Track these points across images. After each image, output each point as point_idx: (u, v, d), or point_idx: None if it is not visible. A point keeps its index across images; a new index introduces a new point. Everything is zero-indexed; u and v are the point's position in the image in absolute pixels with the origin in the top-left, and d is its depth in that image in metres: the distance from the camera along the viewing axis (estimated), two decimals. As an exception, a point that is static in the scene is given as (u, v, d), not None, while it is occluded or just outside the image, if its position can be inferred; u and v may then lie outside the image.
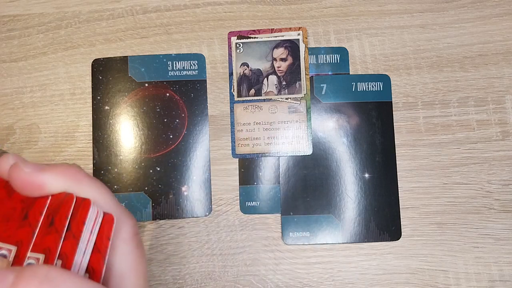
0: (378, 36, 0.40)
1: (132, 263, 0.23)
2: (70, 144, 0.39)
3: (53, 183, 0.22)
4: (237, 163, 0.39)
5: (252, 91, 0.40)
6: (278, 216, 0.39)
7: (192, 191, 0.39)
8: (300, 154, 0.39)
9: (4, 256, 0.20)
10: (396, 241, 0.38)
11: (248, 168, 0.39)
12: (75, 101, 0.40)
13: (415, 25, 0.40)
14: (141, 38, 0.41)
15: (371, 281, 0.38)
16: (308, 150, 0.39)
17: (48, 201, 0.21)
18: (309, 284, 0.38)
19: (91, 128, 0.39)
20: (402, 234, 0.38)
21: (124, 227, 0.23)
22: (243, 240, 0.38)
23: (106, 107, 0.40)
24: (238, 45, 0.40)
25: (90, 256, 0.21)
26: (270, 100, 0.40)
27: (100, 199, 0.22)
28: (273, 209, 0.39)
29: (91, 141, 0.39)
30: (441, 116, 0.39)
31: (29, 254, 0.20)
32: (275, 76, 0.40)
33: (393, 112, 0.39)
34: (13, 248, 0.20)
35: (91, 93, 0.40)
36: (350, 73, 0.40)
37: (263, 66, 0.40)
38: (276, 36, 0.40)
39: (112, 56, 0.40)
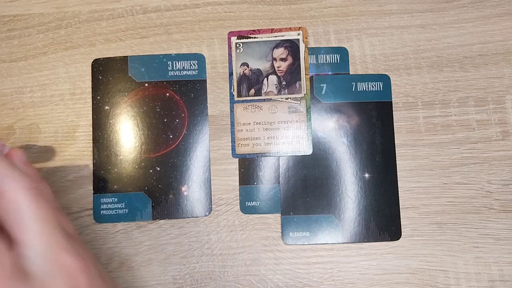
0: (378, 36, 0.40)
1: (32, 210, 0.26)
2: (70, 144, 0.39)
3: None
4: (237, 163, 0.39)
5: (252, 91, 0.40)
6: (278, 216, 0.39)
7: (192, 191, 0.39)
8: (300, 154, 0.39)
9: None
10: (396, 241, 0.38)
11: (248, 168, 0.39)
12: (75, 101, 0.40)
13: (415, 25, 0.40)
14: (141, 38, 0.41)
15: (371, 281, 0.38)
16: (308, 150, 0.39)
17: None
18: (309, 284, 0.38)
19: (91, 128, 0.39)
20: (402, 234, 0.38)
21: (16, 183, 0.26)
22: (243, 240, 0.38)
23: (106, 107, 0.40)
24: (238, 45, 0.40)
25: None
26: (270, 100, 0.40)
27: None
28: (273, 209, 0.39)
29: (91, 141, 0.39)
30: (441, 116, 0.39)
31: None
32: (275, 76, 0.40)
33: (393, 112, 0.39)
34: None
35: (91, 93, 0.40)
36: (350, 73, 0.40)
37: (263, 66, 0.40)
38: (276, 36, 0.40)
39: (112, 56, 0.40)
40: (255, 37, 0.40)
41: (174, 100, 0.40)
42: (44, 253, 0.25)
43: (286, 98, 0.39)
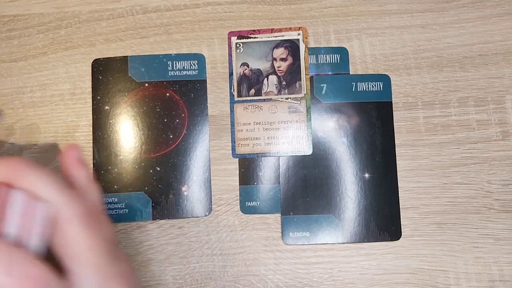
0: (378, 36, 0.40)
1: (81, 240, 0.25)
2: (70, 144, 0.39)
3: None
4: (237, 163, 0.39)
5: (252, 91, 0.40)
6: (278, 216, 0.39)
7: (192, 191, 0.39)
8: (300, 154, 0.39)
9: None
10: (396, 241, 0.38)
11: (248, 168, 0.39)
12: (75, 101, 0.40)
13: (415, 25, 0.40)
14: (141, 38, 0.41)
15: (371, 281, 0.38)
16: (308, 150, 0.39)
17: None
18: (309, 284, 0.38)
19: (91, 128, 0.39)
20: (402, 234, 0.38)
21: (69, 210, 0.25)
22: (243, 240, 0.38)
23: (106, 107, 0.40)
24: (238, 45, 0.40)
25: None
26: (270, 100, 0.40)
27: (40, 187, 0.25)
28: (273, 209, 0.39)
29: (91, 141, 0.39)
30: (441, 116, 0.39)
31: None
32: (275, 76, 0.40)
33: (393, 112, 0.39)
34: None
35: (91, 93, 0.40)
36: (350, 73, 0.40)
37: (263, 66, 0.40)
38: (276, 36, 0.40)
39: (112, 56, 0.40)
40: (255, 37, 0.40)
41: (174, 100, 0.40)
42: (95, 283, 0.25)
43: (286, 98, 0.39)
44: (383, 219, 0.38)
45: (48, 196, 0.25)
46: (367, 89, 0.40)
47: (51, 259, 0.25)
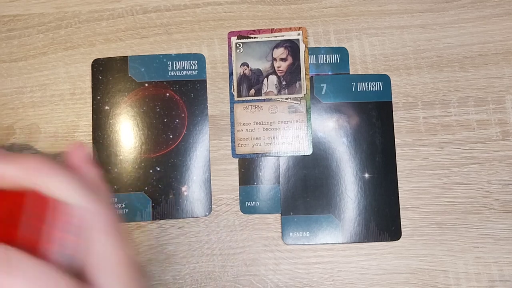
0: (378, 36, 0.40)
1: (110, 251, 0.24)
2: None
3: (12, 174, 0.22)
4: (237, 163, 0.39)
5: (252, 91, 0.40)
6: (278, 216, 0.39)
7: (192, 191, 0.39)
8: (300, 154, 0.39)
9: None
10: (396, 241, 0.38)
11: (248, 168, 0.39)
12: (75, 101, 0.40)
13: (415, 25, 0.40)
14: (141, 38, 0.41)
15: (371, 281, 0.38)
16: (308, 150, 0.39)
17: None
18: (309, 284, 0.38)
19: (91, 128, 0.39)
20: (402, 234, 0.38)
21: (99, 218, 0.24)
22: (243, 240, 0.38)
23: (106, 107, 0.40)
24: (238, 45, 0.40)
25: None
26: (270, 100, 0.40)
27: (63, 190, 0.23)
28: (273, 209, 0.39)
29: (91, 141, 0.39)
30: (441, 116, 0.39)
31: None
32: (275, 76, 0.40)
33: (393, 112, 0.39)
34: None
35: (91, 93, 0.40)
36: (350, 73, 0.40)
37: (263, 66, 0.40)
38: (276, 36, 0.40)
39: (112, 56, 0.40)
40: (255, 37, 0.40)
41: (174, 100, 0.40)
42: None
43: (286, 98, 0.39)
44: (383, 219, 0.38)
45: (77, 202, 0.23)
46: (367, 89, 0.40)
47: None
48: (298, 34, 0.40)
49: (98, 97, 0.40)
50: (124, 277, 0.24)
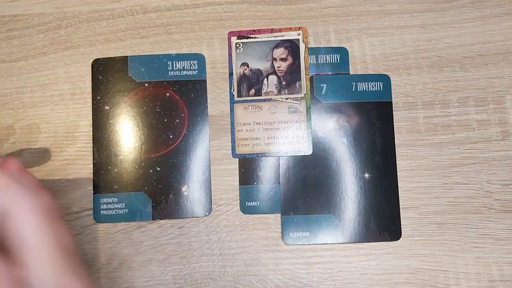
0: (378, 36, 0.40)
1: (34, 232, 0.25)
2: (70, 144, 0.39)
3: None
4: (237, 163, 0.39)
5: (252, 91, 0.40)
6: (278, 216, 0.39)
7: (192, 191, 0.39)
8: (300, 154, 0.39)
9: None
10: (396, 241, 0.38)
11: (248, 168, 0.39)
12: (75, 101, 0.40)
13: (415, 25, 0.40)
14: (141, 38, 0.41)
15: (371, 281, 0.38)
16: (308, 150, 0.39)
17: None
18: (309, 284, 0.38)
19: (91, 128, 0.39)
20: (402, 234, 0.38)
21: (24, 200, 0.26)
22: (243, 240, 0.38)
23: (106, 107, 0.40)
24: (238, 45, 0.40)
25: None
26: (270, 100, 0.40)
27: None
28: (273, 209, 0.39)
29: (91, 141, 0.39)
30: (441, 116, 0.39)
31: None
32: (275, 76, 0.40)
33: (393, 112, 0.39)
34: None
35: (91, 93, 0.40)
36: (350, 73, 0.40)
37: (263, 66, 0.40)
38: (276, 36, 0.40)
39: (112, 56, 0.40)
40: (255, 37, 0.40)
41: (174, 100, 0.40)
42: (47, 278, 0.25)
43: (286, 98, 0.39)
44: (383, 219, 0.38)
45: (1, 184, 0.25)
46: (367, 89, 0.40)
47: None
48: (298, 34, 0.40)
49: (98, 97, 0.40)
50: (52, 259, 0.25)
